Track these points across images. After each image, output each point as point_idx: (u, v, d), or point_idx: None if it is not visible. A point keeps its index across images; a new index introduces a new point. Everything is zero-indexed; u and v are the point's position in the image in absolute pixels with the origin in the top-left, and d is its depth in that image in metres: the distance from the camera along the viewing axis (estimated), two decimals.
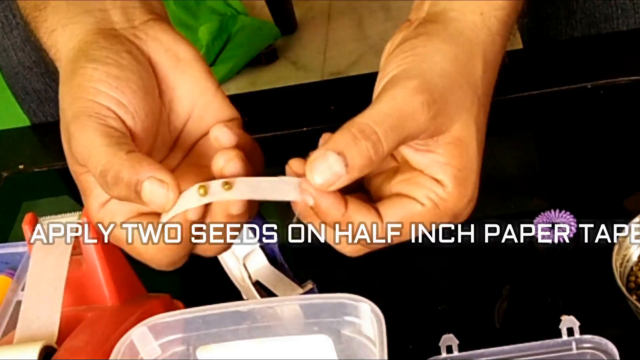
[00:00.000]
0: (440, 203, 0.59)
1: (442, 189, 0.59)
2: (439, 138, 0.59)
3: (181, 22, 2.14)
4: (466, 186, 0.60)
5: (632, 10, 0.96)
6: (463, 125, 0.60)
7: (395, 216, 0.59)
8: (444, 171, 0.59)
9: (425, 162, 0.60)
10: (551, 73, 0.93)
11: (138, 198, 0.57)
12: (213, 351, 0.65)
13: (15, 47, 1.07)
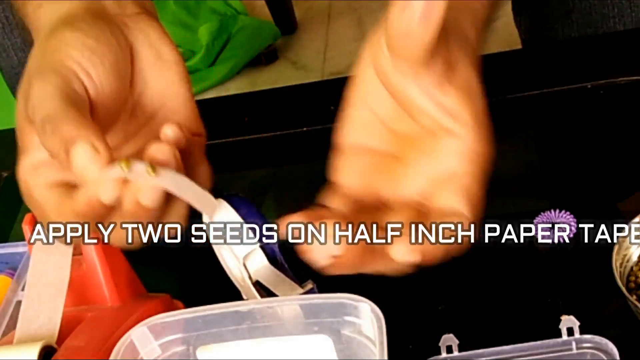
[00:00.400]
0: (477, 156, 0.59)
1: (467, 141, 0.59)
2: (451, 78, 0.58)
3: (181, 22, 2.14)
4: (484, 122, 0.60)
5: (628, 10, 0.96)
6: (467, 72, 0.59)
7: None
8: (463, 117, 0.58)
9: (441, 112, 0.58)
10: (551, 73, 0.93)
11: (65, 157, 0.56)
12: (213, 351, 0.65)
13: (16, 48, 1.07)
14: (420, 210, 0.59)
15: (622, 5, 0.95)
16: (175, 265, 0.86)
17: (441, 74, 0.58)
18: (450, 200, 0.59)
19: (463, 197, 0.59)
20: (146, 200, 0.57)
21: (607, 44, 0.96)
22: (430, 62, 0.56)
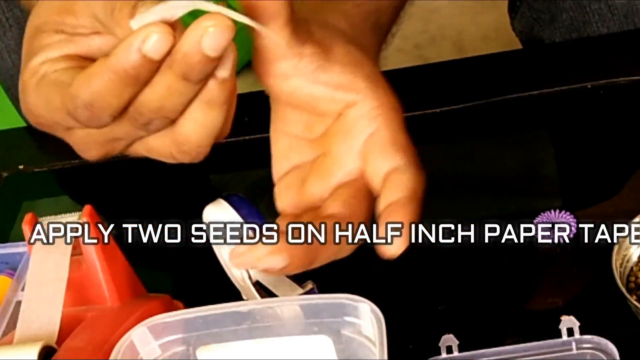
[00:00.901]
0: (386, 110, 0.60)
1: (370, 101, 0.60)
2: (329, 58, 0.59)
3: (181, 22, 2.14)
4: (381, 84, 0.61)
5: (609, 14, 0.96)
6: (344, 48, 0.60)
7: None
8: (355, 85, 0.59)
9: (333, 87, 0.59)
10: (551, 73, 0.93)
11: (130, 14, 0.52)
12: (213, 351, 0.65)
13: (10, 50, 1.07)
14: (357, 186, 0.60)
15: (601, 10, 0.96)
16: (175, 266, 0.86)
17: (316, 57, 0.59)
18: (381, 160, 0.59)
19: (391, 150, 0.59)
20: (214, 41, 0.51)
21: (606, 44, 0.96)
22: (300, 51, 0.58)
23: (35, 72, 0.57)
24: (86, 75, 0.53)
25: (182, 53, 0.51)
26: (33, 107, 0.57)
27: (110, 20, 0.54)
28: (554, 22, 0.99)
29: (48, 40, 0.57)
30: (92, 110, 0.53)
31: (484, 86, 0.93)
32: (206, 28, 0.51)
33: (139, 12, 0.51)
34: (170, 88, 0.52)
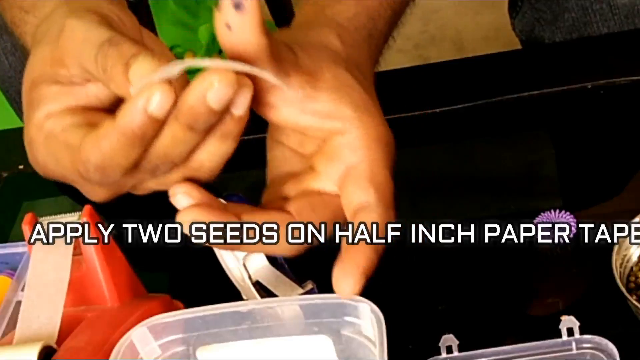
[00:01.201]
0: (368, 142, 0.59)
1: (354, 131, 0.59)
2: (316, 85, 0.59)
3: (181, 22, 2.13)
4: (371, 112, 0.60)
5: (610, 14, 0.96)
6: (334, 73, 0.60)
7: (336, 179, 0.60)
8: (341, 113, 0.59)
9: (319, 116, 0.59)
10: (551, 73, 0.93)
11: (124, 71, 0.53)
12: (213, 351, 0.65)
13: (7, 52, 1.07)
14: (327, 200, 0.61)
15: (603, 10, 0.96)
16: (175, 266, 0.86)
17: (303, 86, 0.59)
18: (354, 192, 0.59)
19: (364, 184, 0.59)
20: (218, 95, 0.52)
21: (606, 45, 0.96)
22: (287, 82, 0.58)
23: (41, 127, 0.58)
24: (94, 138, 0.54)
25: (187, 106, 0.52)
26: (42, 162, 0.59)
27: (102, 76, 0.55)
28: (555, 22, 0.99)
29: (46, 92, 0.58)
30: (103, 171, 0.55)
31: (484, 86, 0.93)
32: (212, 83, 0.52)
33: (132, 71, 0.53)
34: (176, 138, 0.54)
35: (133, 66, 0.53)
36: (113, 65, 0.54)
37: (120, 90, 0.54)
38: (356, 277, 0.57)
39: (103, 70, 0.55)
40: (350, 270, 0.57)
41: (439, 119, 0.91)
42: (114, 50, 0.55)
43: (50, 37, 0.59)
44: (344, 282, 0.57)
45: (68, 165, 0.57)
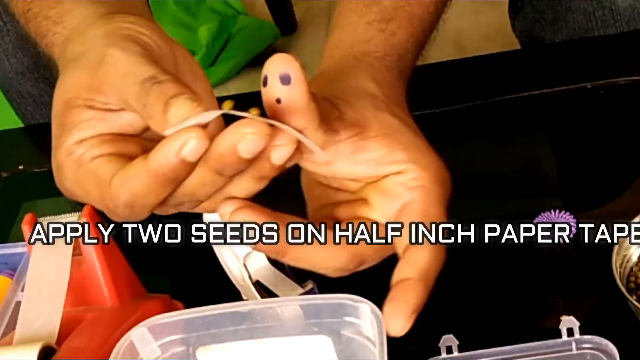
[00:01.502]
0: (423, 182, 0.60)
1: (410, 172, 0.60)
2: (365, 136, 0.60)
3: (181, 22, 2.13)
4: (423, 152, 0.61)
5: (611, 20, 0.96)
6: (381, 121, 0.61)
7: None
8: (394, 158, 0.60)
9: (373, 164, 0.60)
10: (551, 73, 0.93)
11: (163, 111, 0.53)
12: (213, 352, 0.65)
13: (8, 53, 1.07)
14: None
15: (605, 17, 0.96)
16: (175, 266, 0.86)
17: (353, 139, 0.59)
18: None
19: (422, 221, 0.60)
20: (248, 147, 0.52)
21: (606, 45, 0.96)
22: (337, 139, 0.59)
23: (71, 152, 0.58)
24: (125, 176, 0.55)
25: (218, 153, 0.53)
26: (70, 188, 0.59)
27: (142, 112, 0.55)
28: (556, 23, 0.99)
29: (80, 117, 0.58)
30: (132, 209, 0.55)
31: (484, 86, 0.93)
32: (244, 133, 0.52)
33: (171, 112, 0.53)
34: (204, 180, 0.54)
35: (173, 107, 0.53)
36: (153, 104, 0.54)
37: (158, 127, 0.54)
38: (407, 316, 0.57)
39: (143, 106, 0.55)
40: (402, 309, 0.57)
41: (439, 119, 0.91)
42: (157, 88, 0.55)
43: (88, 63, 0.59)
44: (395, 321, 0.57)
45: (97, 198, 0.57)
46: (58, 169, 0.59)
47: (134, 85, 0.56)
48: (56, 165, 0.59)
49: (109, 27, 0.61)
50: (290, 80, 0.54)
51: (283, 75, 0.54)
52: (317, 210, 0.64)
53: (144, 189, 0.54)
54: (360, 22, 0.68)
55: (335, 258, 0.59)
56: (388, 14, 0.69)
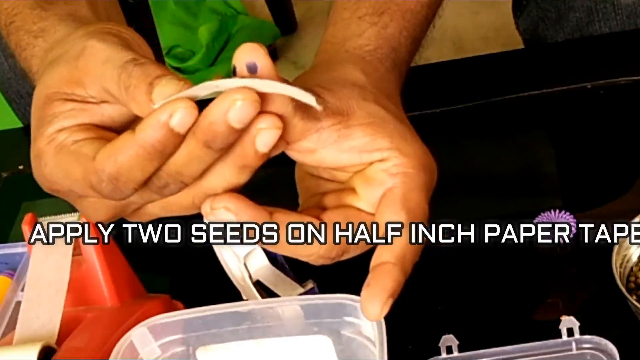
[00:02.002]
0: (406, 168, 0.60)
1: (394, 158, 0.60)
2: (349, 124, 0.60)
3: (181, 22, 2.13)
4: (407, 139, 0.61)
5: (612, 13, 0.96)
6: (365, 109, 0.61)
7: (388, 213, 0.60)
8: (378, 145, 0.60)
9: (357, 152, 0.60)
10: (551, 73, 0.93)
11: (147, 91, 0.54)
12: (213, 352, 0.65)
13: (6, 54, 1.07)
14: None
15: (606, 10, 0.96)
16: (175, 266, 0.86)
17: (336, 127, 0.59)
18: (386, 213, 0.60)
19: (397, 206, 0.60)
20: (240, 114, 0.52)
21: (606, 45, 0.96)
22: (320, 126, 0.59)
23: (52, 139, 0.58)
24: (111, 149, 0.54)
25: (207, 122, 0.52)
26: (49, 175, 0.59)
27: (123, 95, 0.55)
28: (560, 21, 0.99)
29: (60, 109, 0.58)
30: (116, 183, 0.55)
31: (484, 86, 0.93)
32: (234, 101, 0.52)
33: (156, 91, 0.53)
34: (191, 154, 0.54)
35: (157, 87, 0.53)
36: (136, 85, 0.54)
37: (141, 109, 0.54)
38: (383, 301, 0.57)
39: (125, 88, 0.55)
40: (378, 294, 0.57)
41: (439, 119, 0.91)
42: (139, 69, 0.55)
43: (68, 57, 0.59)
44: (371, 306, 0.57)
45: (79, 176, 0.56)
46: (37, 157, 0.59)
47: (115, 69, 0.56)
48: (35, 154, 0.59)
49: (89, 29, 0.61)
50: (257, 69, 0.54)
51: (249, 64, 0.53)
52: (306, 200, 0.64)
53: (130, 161, 0.53)
54: (352, 18, 0.69)
55: (317, 246, 0.59)
56: (380, 7, 0.69)
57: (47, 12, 0.67)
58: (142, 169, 0.54)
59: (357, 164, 0.61)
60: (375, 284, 0.58)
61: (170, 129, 0.52)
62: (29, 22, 0.67)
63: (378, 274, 0.58)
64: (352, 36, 0.68)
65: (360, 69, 0.65)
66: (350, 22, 0.69)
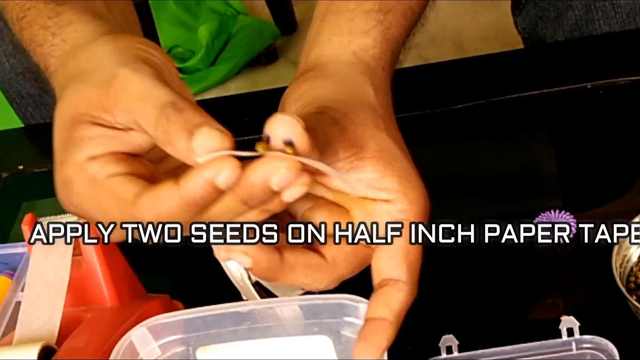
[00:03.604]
0: (409, 216, 0.61)
1: (399, 203, 0.60)
2: (362, 156, 0.60)
3: (181, 22, 2.14)
4: (413, 183, 0.61)
5: (612, 12, 0.96)
6: (377, 140, 0.61)
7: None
8: (386, 185, 0.60)
9: (364, 186, 0.60)
10: (551, 73, 0.93)
11: (187, 140, 0.54)
12: (213, 352, 0.65)
13: (8, 54, 1.07)
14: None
15: (606, 8, 0.96)
16: (175, 266, 0.86)
17: (350, 159, 0.60)
18: (387, 264, 0.61)
19: (399, 260, 0.61)
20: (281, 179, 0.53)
21: (606, 45, 0.96)
22: (336, 158, 0.59)
23: (82, 169, 0.58)
24: (153, 199, 0.55)
25: (249, 182, 0.53)
26: (79, 203, 0.59)
27: (160, 137, 0.56)
28: (558, 19, 0.99)
29: (88, 133, 0.58)
30: (154, 229, 0.56)
31: (484, 86, 0.93)
32: (278, 167, 0.53)
33: (196, 142, 0.53)
34: (228, 207, 0.55)
35: (198, 137, 0.53)
36: (176, 132, 0.54)
37: (179, 154, 0.55)
38: (377, 356, 0.59)
39: (164, 133, 0.55)
40: (373, 351, 0.59)
41: (439, 119, 0.91)
42: (178, 116, 0.55)
43: (97, 81, 0.59)
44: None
45: (116, 216, 0.57)
46: (66, 183, 0.59)
47: (151, 109, 0.56)
48: (63, 179, 0.59)
49: (118, 45, 0.61)
50: (294, 144, 0.54)
51: (286, 140, 0.54)
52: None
53: (170, 211, 0.54)
54: (358, 10, 0.68)
55: (318, 280, 0.60)
56: (385, 5, 0.68)
57: (62, 6, 0.66)
58: (181, 219, 0.55)
59: (362, 195, 0.61)
60: (371, 341, 0.59)
61: (214, 185, 0.53)
62: (44, 16, 0.66)
63: (374, 329, 0.59)
64: (358, 32, 0.67)
65: (371, 82, 0.65)
66: (355, 14, 0.68)
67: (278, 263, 0.58)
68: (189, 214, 0.55)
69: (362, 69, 0.66)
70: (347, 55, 0.67)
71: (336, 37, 0.68)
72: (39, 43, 0.67)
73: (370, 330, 0.59)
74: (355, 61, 0.66)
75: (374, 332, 0.59)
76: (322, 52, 0.68)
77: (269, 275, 0.58)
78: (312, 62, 0.67)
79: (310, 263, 0.59)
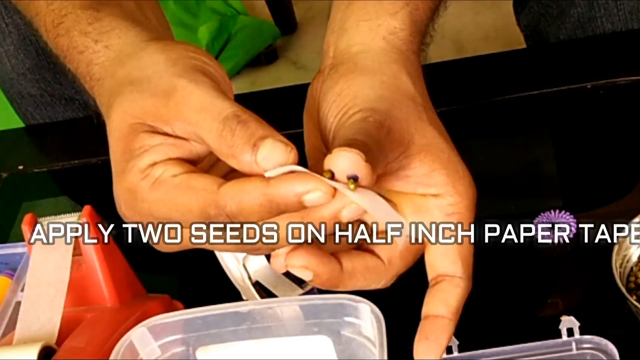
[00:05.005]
0: (460, 210, 0.61)
1: (449, 197, 0.60)
2: (408, 154, 0.60)
3: (181, 22, 2.13)
4: (460, 174, 0.61)
5: (615, 9, 0.96)
6: (422, 133, 0.61)
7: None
8: (434, 180, 0.60)
9: (413, 182, 0.60)
10: (551, 73, 0.93)
11: (251, 152, 0.54)
12: (213, 352, 0.65)
13: (9, 54, 1.07)
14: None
15: (608, 5, 0.96)
16: (175, 266, 0.86)
17: (399, 159, 0.60)
18: (442, 260, 0.62)
19: (453, 256, 0.61)
20: (349, 215, 0.55)
21: (606, 45, 0.96)
22: (386, 161, 0.59)
23: (147, 175, 0.58)
24: (237, 190, 0.55)
25: (320, 211, 0.54)
26: (148, 210, 0.58)
27: (223, 150, 0.56)
28: (561, 17, 0.99)
29: (149, 142, 0.58)
30: (232, 220, 0.55)
31: (484, 86, 0.93)
32: (351, 203, 0.54)
33: (261, 156, 0.54)
34: (289, 220, 0.55)
35: (262, 150, 0.54)
36: (240, 146, 0.55)
37: (242, 167, 0.55)
38: (438, 355, 0.60)
39: (228, 146, 0.55)
40: (435, 350, 0.60)
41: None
42: (243, 129, 0.55)
43: (155, 91, 0.59)
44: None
45: (194, 208, 0.56)
46: (130, 192, 0.58)
47: (213, 122, 0.56)
48: (128, 187, 0.58)
49: (171, 54, 0.60)
50: (358, 179, 0.54)
51: (351, 176, 0.54)
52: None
53: (253, 207, 0.54)
54: None
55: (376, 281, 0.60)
56: None
57: (100, 12, 0.65)
58: (258, 216, 0.55)
59: (409, 192, 0.61)
60: (433, 339, 0.60)
61: (300, 201, 0.53)
62: (83, 22, 0.66)
63: (435, 328, 0.60)
64: (385, 14, 0.66)
65: (406, 71, 0.64)
66: None
67: (339, 272, 0.58)
68: (267, 214, 0.55)
69: (395, 56, 0.65)
70: (378, 41, 0.65)
71: (364, 23, 0.66)
72: (79, 50, 0.65)
73: (430, 328, 0.60)
74: (387, 47, 0.65)
75: (434, 331, 0.59)
76: (351, 40, 0.66)
77: (330, 285, 0.58)
78: (342, 52, 0.66)
79: (368, 266, 0.59)
